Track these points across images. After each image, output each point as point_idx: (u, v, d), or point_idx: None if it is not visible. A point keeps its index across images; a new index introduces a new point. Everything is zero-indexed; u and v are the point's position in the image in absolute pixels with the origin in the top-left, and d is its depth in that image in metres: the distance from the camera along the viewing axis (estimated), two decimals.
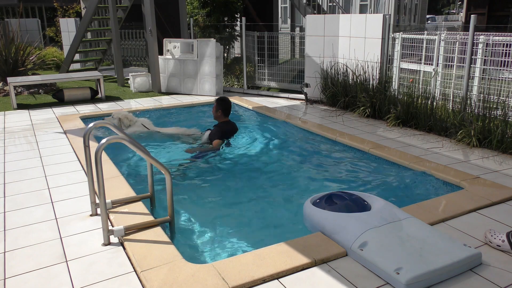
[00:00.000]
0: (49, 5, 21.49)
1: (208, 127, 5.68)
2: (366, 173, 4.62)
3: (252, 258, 2.75)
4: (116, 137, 2.94)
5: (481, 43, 5.84)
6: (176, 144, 5.63)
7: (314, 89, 7.87)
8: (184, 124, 6.61)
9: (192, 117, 7.47)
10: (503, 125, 4.98)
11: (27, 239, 3.09)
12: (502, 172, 4.30)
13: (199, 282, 2.50)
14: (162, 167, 3.11)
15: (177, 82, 9.10)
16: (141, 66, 13.88)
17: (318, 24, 7.63)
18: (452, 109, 5.85)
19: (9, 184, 4.15)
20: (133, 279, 2.60)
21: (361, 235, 2.81)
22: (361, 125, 6.25)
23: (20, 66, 9.71)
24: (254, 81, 10.04)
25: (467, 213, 3.41)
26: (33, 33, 15.52)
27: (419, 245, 2.72)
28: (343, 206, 3.17)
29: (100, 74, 8.87)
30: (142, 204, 3.56)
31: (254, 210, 3.92)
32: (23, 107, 7.83)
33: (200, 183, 4.50)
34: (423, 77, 6.69)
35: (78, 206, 3.62)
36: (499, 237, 2.88)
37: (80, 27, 10.62)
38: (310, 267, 2.69)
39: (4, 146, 5.40)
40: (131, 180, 4.21)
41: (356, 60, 7.18)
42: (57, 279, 2.62)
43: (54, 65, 12.65)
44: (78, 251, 2.93)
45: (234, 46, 13.12)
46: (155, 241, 2.98)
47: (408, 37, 6.79)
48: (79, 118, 6.82)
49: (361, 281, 2.54)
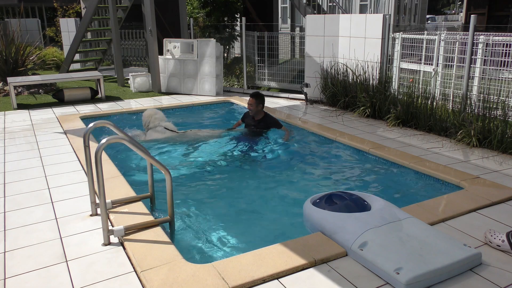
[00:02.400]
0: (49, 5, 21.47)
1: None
2: (366, 173, 4.63)
3: (252, 258, 2.75)
4: (116, 137, 2.94)
5: (481, 43, 5.84)
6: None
7: (314, 89, 7.87)
8: (185, 124, 6.62)
9: (193, 117, 7.47)
10: (503, 125, 4.98)
11: (27, 239, 3.09)
12: (502, 172, 4.30)
13: (199, 282, 2.50)
14: (162, 167, 3.11)
15: (177, 82, 9.10)
16: (141, 66, 13.88)
17: (318, 24, 7.63)
18: (452, 109, 5.85)
19: (9, 184, 4.15)
20: (133, 279, 2.61)
21: (361, 235, 2.81)
22: (361, 125, 6.25)
23: (20, 66, 9.70)
24: (254, 81, 10.04)
25: (467, 213, 3.41)
26: (33, 33, 15.51)
27: (419, 245, 2.72)
28: (343, 206, 3.17)
29: (100, 74, 8.86)
30: (142, 204, 3.57)
31: (254, 210, 3.92)
32: (23, 107, 7.83)
33: (200, 183, 4.50)
34: (423, 77, 6.69)
35: (78, 206, 3.62)
36: (499, 237, 2.88)
37: (80, 27, 10.62)
38: (310, 267, 2.69)
39: (4, 146, 5.40)
40: (131, 180, 4.21)
41: (356, 60, 7.18)
42: (57, 279, 2.62)
43: (54, 65, 12.65)
44: (78, 251, 2.93)
45: (234, 46, 13.12)
46: (155, 241, 2.98)
47: (408, 37, 6.79)
48: (79, 118, 6.82)
49: (361, 281, 2.54)
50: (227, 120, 7.19)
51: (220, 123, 7.06)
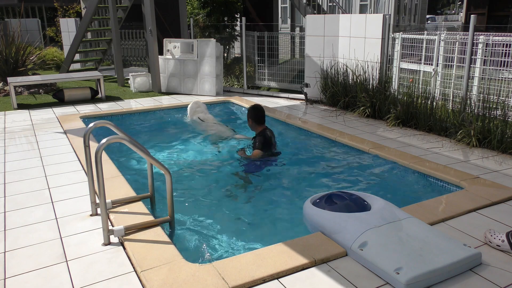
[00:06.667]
0: (49, 5, 21.48)
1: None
2: (366, 173, 4.62)
3: (252, 258, 2.75)
4: (116, 137, 2.94)
5: (481, 43, 5.84)
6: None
7: (314, 89, 7.88)
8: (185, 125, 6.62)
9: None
10: (503, 125, 4.98)
11: (27, 239, 3.09)
12: (502, 172, 4.30)
13: (199, 282, 2.50)
14: (162, 167, 3.12)
15: (177, 82, 9.10)
16: (141, 66, 13.88)
17: (318, 24, 7.63)
18: (452, 109, 5.85)
19: (9, 184, 4.16)
20: (133, 279, 2.61)
21: (361, 235, 2.81)
22: (361, 125, 6.25)
23: (20, 66, 9.71)
24: (254, 81, 10.04)
25: (467, 213, 3.41)
26: (33, 33, 15.52)
27: (419, 245, 2.72)
28: (343, 206, 3.17)
29: (100, 74, 8.86)
30: (142, 204, 3.57)
31: (254, 210, 3.92)
32: (23, 107, 7.83)
33: (200, 183, 4.50)
34: (423, 77, 6.69)
35: (78, 206, 3.62)
36: (498, 237, 2.88)
37: (80, 27, 10.62)
38: (310, 267, 2.69)
39: (5, 146, 5.40)
40: (131, 180, 4.21)
41: (356, 60, 7.18)
42: (57, 279, 2.62)
43: (54, 65, 12.66)
44: (78, 251, 2.93)
45: (234, 46, 13.12)
46: (155, 241, 2.98)
47: (408, 37, 6.80)
48: (79, 118, 6.82)
49: (361, 281, 2.55)
50: (227, 120, 7.19)
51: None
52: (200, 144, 5.71)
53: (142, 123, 6.99)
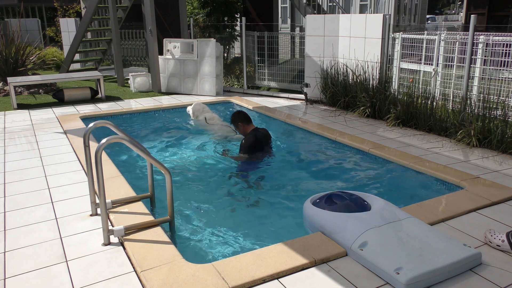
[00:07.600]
0: (49, 5, 21.49)
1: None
2: (366, 173, 4.62)
3: (252, 258, 2.75)
4: (116, 137, 2.94)
5: (481, 43, 5.84)
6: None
7: (314, 89, 7.87)
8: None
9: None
10: (503, 125, 4.98)
11: (27, 239, 3.09)
12: (502, 172, 4.30)
13: (199, 282, 2.50)
14: (162, 167, 3.12)
15: (177, 82, 9.10)
16: (141, 66, 13.88)
17: (318, 24, 7.63)
18: (452, 109, 5.85)
19: (9, 184, 4.15)
20: (133, 279, 2.61)
21: (361, 235, 2.81)
22: (361, 125, 6.25)
23: (20, 66, 9.70)
24: (254, 81, 10.04)
25: (467, 213, 3.41)
26: (33, 33, 15.51)
27: (419, 245, 2.72)
28: (343, 206, 3.17)
29: (100, 74, 8.86)
30: (142, 204, 3.57)
31: (254, 210, 3.92)
32: (23, 107, 7.83)
33: (200, 183, 4.50)
34: (423, 77, 6.69)
35: (78, 206, 3.62)
36: (499, 237, 2.88)
37: (80, 27, 10.62)
38: (310, 267, 2.69)
39: (4, 146, 5.40)
40: (131, 180, 4.21)
41: (356, 60, 7.18)
42: (57, 279, 2.62)
43: (54, 65, 12.65)
44: (78, 251, 2.93)
45: (234, 46, 13.12)
46: (155, 241, 2.98)
47: (408, 37, 6.79)
48: (79, 118, 6.82)
49: (361, 281, 2.54)
50: (227, 120, 7.18)
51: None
52: (202, 144, 5.71)
53: (142, 123, 6.99)
